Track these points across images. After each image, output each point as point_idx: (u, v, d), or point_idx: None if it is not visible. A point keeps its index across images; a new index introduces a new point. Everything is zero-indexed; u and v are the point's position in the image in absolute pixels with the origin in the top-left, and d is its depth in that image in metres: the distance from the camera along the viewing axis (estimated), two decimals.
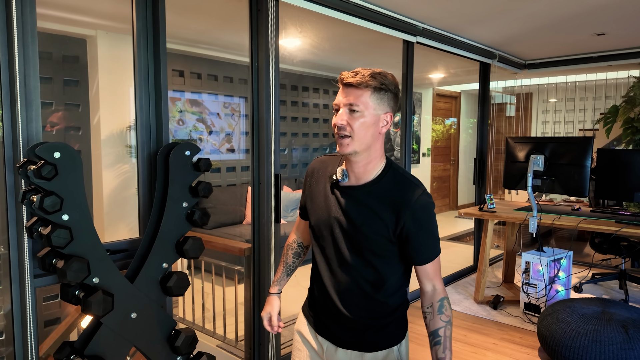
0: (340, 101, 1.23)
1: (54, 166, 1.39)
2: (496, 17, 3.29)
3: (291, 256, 1.60)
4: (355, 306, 1.32)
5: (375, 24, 3.07)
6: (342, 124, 1.22)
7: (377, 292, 1.32)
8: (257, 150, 2.48)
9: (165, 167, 1.78)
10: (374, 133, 1.24)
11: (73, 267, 1.42)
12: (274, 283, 1.60)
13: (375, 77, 1.21)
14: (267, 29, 2.39)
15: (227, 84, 4.92)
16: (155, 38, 1.97)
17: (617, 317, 2.54)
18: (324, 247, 1.36)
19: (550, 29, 3.66)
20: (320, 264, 1.39)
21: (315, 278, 1.43)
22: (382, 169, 1.30)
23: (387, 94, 1.24)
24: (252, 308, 2.57)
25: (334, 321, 1.37)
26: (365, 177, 1.29)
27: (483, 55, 4.26)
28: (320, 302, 1.40)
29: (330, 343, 1.40)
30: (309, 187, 1.45)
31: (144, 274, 1.69)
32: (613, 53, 4.49)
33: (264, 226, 2.50)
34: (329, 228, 1.34)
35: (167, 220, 1.73)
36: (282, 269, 1.60)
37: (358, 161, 1.27)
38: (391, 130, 6.70)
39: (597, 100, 6.51)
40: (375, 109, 1.22)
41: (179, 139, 4.60)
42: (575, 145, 3.18)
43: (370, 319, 1.33)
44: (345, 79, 1.22)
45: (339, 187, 1.33)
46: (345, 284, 1.32)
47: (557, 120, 7.12)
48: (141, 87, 1.96)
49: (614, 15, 3.27)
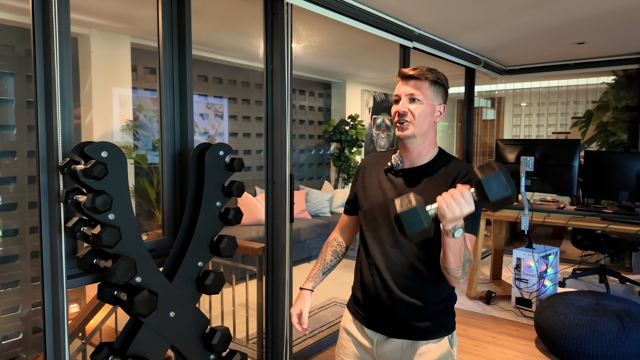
0: (402, 92, 1.37)
1: (105, 165, 1.39)
2: (489, 25, 3.44)
3: (330, 254, 1.63)
4: (408, 288, 1.37)
5: (375, 27, 3.14)
6: (404, 111, 1.34)
7: (429, 271, 1.37)
8: (272, 151, 2.51)
9: (199, 167, 1.80)
10: (430, 122, 1.37)
11: (122, 266, 1.42)
12: (308, 279, 1.61)
13: (431, 71, 1.36)
14: (282, 33, 2.43)
15: (216, 85, 4.90)
16: (180, 38, 1.98)
17: (611, 308, 2.71)
18: (377, 229, 1.42)
19: (535, 37, 3.85)
20: (372, 247, 1.43)
21: (365, 264, 1.46)
22: (436, 154, 1.41)
23: (441, 88, 1.38)
24: (265, 308, 2.59)
25: (384, 309, 1.40)
26: (419, 161, 1.40)
27: (469, 60, 4.43)
28: (371, 291, 1.43)
29: (380, 334, 1.43)
30: (361, 179, 1.52)
31: (181, 273, 1.69)
32: (588, 61, 4.75)
33: (278, 226, 2.53)
34: (383, 210, 1.41)
35: (202, 220, 1.74)
36: (320, 266, 1.62)
37: (414, 147, 1.38)
38: (373, 132, 6.83)
39: (567, 105, 6.85)
40: (432, 99, 1.36)
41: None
42: (563, 147, 3.37)
43: (423, 302, 1.37)
44: (407, 72, 1.36)
45: (394, 172, 1.42)
46: (399, 265, 1.37)
47: (527, 124, 7.43)
48: (166, 87, 1.97)
49: (596, 25, 3.48)
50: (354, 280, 1.56)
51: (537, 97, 7.16)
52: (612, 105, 4.83)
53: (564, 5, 2.97)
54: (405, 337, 1.40)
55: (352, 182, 1.58)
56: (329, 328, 3.22)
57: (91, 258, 1.52)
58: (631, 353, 2.50)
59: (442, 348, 1.39)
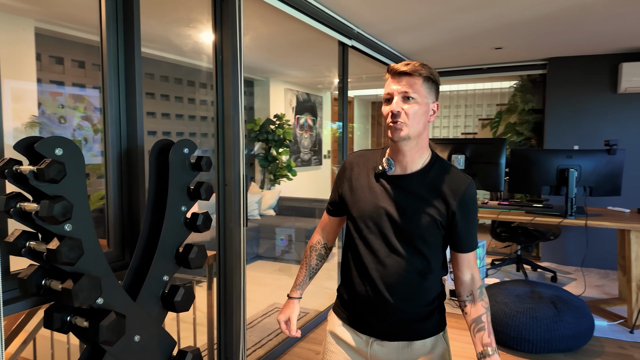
0: (394, 90, 1.26)
1: (63, 165, 1.14)
2: (423, 27, 3.55)
3: (315, 258, 1.54)
4: (404, 296, 1.32)
5: (316, 21, 3.04)
6: (398, 111, 1.25)
7: (424, 280, 1.33)
8: (223, 150, 2.32)
9: (159, 167, 1.58)
10: (424, 122, 1.29)
11: (86, 286, 1.18)
12: (295, 287, 1.53)
13: (424, 67, 1.27)
14: (233, 20, 2.25)
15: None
16: (126, 20, 1.73)
17: (545, 295, 2.91)
18: (369, 238, 1.34)
19: (460, 41, 4.06)
20: (365, 256, 1.35)
21: (356, 273, 1.38)
22: (429, 159, 1.34)
23: (434, 84, 1.30)
24: (217, 320, 2.38)
25: (378, 315, 1.35)
26: (412, 166, 1.32)
27: (397, 62, 4.54)
28: (363, 297, 1.36)
29: (374, 338, 1.38)
30: (347, 180, 1.42)
31: (145, 290, 1.47)
32: (500, 65, 5.13)
33: (231, 231, 2.34)
34: (375, 219, 1.33)
35: (167, 228, 1.53)
36: (305, 272, 1.53)
37: (407, 149, 1.30)
38: (297, 132, 6.76)
39: (473, 108, 7.37)
40: (426, 97, 1.27)
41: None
42: (491, 145, 3.57)
43: (417, 307, 1.34)
44: (399, 68, 1.26)
45: (386, 177, 1.34)
46: (394, 275, 1.31)
47: (436, 125, 7.88)
48: (110, 76, 1.71)
49: (512, 32, 3.75)
50: (342, 282, 1.47)
51: (446, 100, 7.62)
52: (519, 108, 5.27)
53: (490, 12, 3.14)
54: (401, 339, 1.36)
55: (336, 182, 1.48)
56: (277, 336, 3.08)
57: (38, 278, 1.25)
58: (565, 335, 2.71)
59: (439, 345, 1.38)
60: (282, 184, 6.25)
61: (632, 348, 2.88)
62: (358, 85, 7.48)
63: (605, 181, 3.26)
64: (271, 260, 4.93)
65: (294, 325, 1.45)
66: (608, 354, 2.80)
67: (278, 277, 4.47)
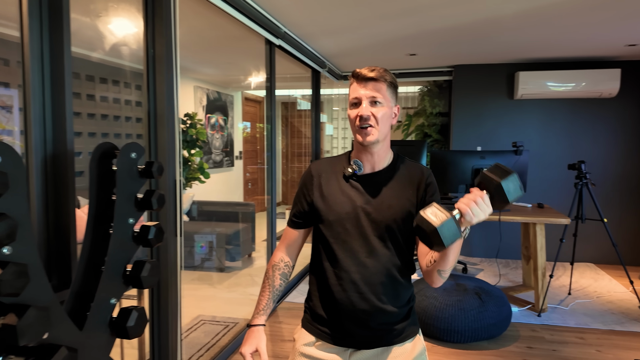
0: (362, 94, 1.31)
1: (6, 176, 0.94)
2: (347, 31, 3.59)
3: (278, 278, 1.44)
4: (386, 295, 1.33)
5: (244, 16, 2.90)
6: (368, 115, 1.29)
7: (403, 276, 1.37)
8: (155, 153, 2.12)
9: (101, 174, 1.38)
10: (390, 124, 1.35)
11: (34, 320, 0.98)
12: (258, 313, 1.40)
13: (387, 72, 1.33)
14: (168, 9, 2.06)
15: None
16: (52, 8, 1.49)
17: (469, 287, 3.11)
18: (347, 240, 1.34)
19: (377, 46, 4.18)
20: (344, 260, 1.34)
21: (335, 280, 1.35)
22: (393, 157, 1.41)
23: (395, 89, 1.37)
24: (150, 342, 2.17)
25: (361, 321, 1.33)
26: (380, 164, 1.37)
27: (318, 64, 4.56)
28: (345, 304, 1.33)
29: (351, 349, 1.36)
30: (317, 188, 1.40)
31: (93, 317, 1.27)
32: (411, 71, 5.40)
33: (165, 241, 2.15)
34: (354, 220, 1.34)
35: (114, 244, 1.34)
36: (268, 294, 1.42)
37: (376, 150, 1.35)
38: (208, 132, 6.49)
39: None
40: (390, 101, 1.34)
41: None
42: (414, 147, 3.74)
43: (398, 307, 1.35)
44: (367, 74, 1.30)
45: (356, 177, 1.37)
46: (376, 274, 1.32)
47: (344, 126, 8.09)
48: (34, 66, 1.47)
49: (426, 40, 3.96)
50: (314, 297, 1.42)
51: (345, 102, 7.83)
52: (428, 111, 5.60)
53: (410, 19, 3.28)
54: (382, 345, 1.36)
55: (300, 192, 1.44)
56: (208, 351, 2.90)
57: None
58: (490, 324, 2.91)
59: (417, 346, 1.40)
60: (194, 187, 5.95)
61: (542, 330, 3.20)
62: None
63: None
64: (189, 269, 4.66)
65: (264, 356, 1.33)
66: (524, 337, 3.07)
67: (198, 287, 4.24)
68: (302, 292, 4.08)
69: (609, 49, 4.27)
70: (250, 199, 8.07)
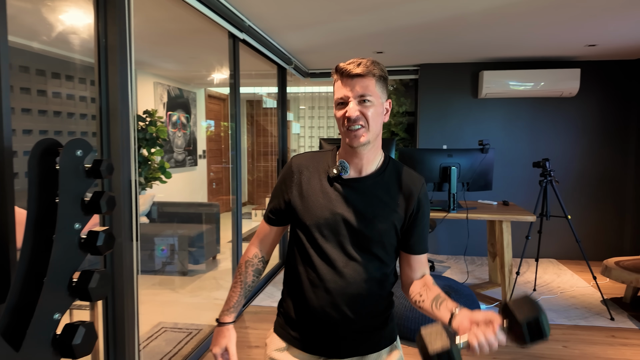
0: (349, 93, 1.18)
1: None
2: (312, 26, 3.50)
3: (251, 274, 1.35)
4: (363, 307, 1.25)
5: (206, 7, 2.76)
6: (357, 116, 1.17)
7: (382, 287, 1.28)
8: (108, 152, 1.96)
9: (42, 173, 1.24)
10: (381, 122, 1.24)
11: None
12: (228, 310, 1.33)
13: (375, 65, 1.20)
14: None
15: None
16: None
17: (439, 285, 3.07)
18: (325, 247, 1.23)
19: (343, 43, 4.11)
20: (320, 268, 1.24)
21: (309, 287, 1.25)
22: (382, 159, 1.29)
23: (385, 82, 1.25)
24: (105, 348, 2.01)
25: (335, 330, 1.25)
26: (368, 167, 1.26)
27: (284, 60, 4.45)
28: (318, 313, 1.24)
29: (325, 357, 1.28)
30: (297, 185, 1.28)
31: (32, 335, 1.12)
32: None
33: (120, 246, 1.99)
34: (332, 226, 1.23)
35: (58, 252, 1.20)
36: (240, 291, 1.34)
37: (364, 152, 1.23)
38: (169, 130, 6.26)
39: None
40: (380, 97, 1.22)
41: None
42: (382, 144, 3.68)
43: (374, 317, 1.28)
44: (352, 70, 1.17)
45: (340, 180, 1.25)
46: (353, 285, 1.23)
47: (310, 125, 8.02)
48: None
49: (393, 38, 3.92)
50: (287, 300, 1.33)
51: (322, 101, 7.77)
52: (394, 110, 5.58)
53: (377, 15, 3.22)
54: (357, 354, 1.28)
55: (279, 187, 1.33)
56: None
57: None
58: None
59: (394, 353, 1.32)
60: (155, 187, 5.72)
61: None
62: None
63: (480, 177, 3.58)
64: (149, 274, 4.46)
65: (234, 357, 1.24)
66: None
67: (159, 292, 4.05)
68: (270, 295, 3.97)
69: (569, 49, 4.36)
70: (214, 199, 7.86)
